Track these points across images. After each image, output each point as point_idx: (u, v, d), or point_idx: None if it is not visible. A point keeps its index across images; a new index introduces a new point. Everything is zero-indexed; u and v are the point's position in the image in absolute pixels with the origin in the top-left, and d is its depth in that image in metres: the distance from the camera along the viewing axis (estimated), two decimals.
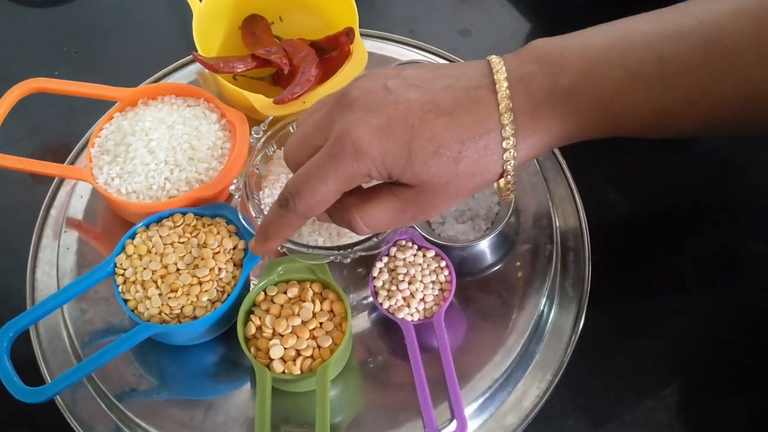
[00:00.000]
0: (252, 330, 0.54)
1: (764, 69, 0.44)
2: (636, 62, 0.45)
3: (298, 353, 0.53)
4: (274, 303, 0.56)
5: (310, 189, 0.47)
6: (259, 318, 0.55)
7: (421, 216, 0.49)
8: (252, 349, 0.54)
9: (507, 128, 0.46)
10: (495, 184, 0.59)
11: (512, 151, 0.46)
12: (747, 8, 0.44)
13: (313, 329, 0.54)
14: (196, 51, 0.66)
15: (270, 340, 0.54)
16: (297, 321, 0.54)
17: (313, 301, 0.55)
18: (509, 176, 0.47)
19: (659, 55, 0.45)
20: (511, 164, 0.46)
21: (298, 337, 0.53)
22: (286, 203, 0.48)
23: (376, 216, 0.49)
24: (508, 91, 0.46)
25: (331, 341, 0.54)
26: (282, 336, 0.54)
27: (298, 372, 0.53)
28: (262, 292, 0.57)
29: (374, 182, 0.49)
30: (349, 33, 0.66)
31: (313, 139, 0.49)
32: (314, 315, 0.55)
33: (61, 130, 0.74)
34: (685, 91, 0.45)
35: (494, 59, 0.48)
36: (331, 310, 0.55)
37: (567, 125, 0.47)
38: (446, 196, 0.48)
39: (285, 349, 0.53)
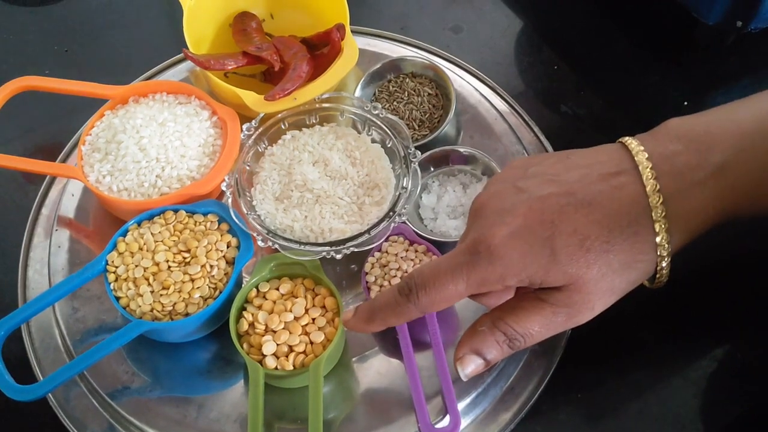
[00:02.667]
0: (244, 326, 0.54)
1: None
2: None
3: (291, 349, 0.53)
4: (266, 299, 0.56)
5: (439, 285, 0.46)
6: (252, 314, 0.55)
7: (576, 320, 0.46)
8: (244, 346, 0.54)
9: (657, 210, 0.43)
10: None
11: (664, 234, 0.43)
12: None
13: (306, 325, 0.54)
14: (187, 48, 0.66)
15: (262, 336, 0.54)
16: (289, 317, 0.54)
17: (305, 297, 0.55)
18: (663, 263, 0.44)
19: None
20: (666, 249, 0.44)
21: (290, 333, 0.53)
22: (408, 293, 0.47)
23: (527, 327, 0.46)
24: (653, 172, 0.43)
25: (323, 337, 0.54)
26: (274, 332, 0.54)
27: (291, 368, 0.53)
28: (255, 289, 0.56)
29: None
30: (339, 29, 0.66)
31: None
32: (306, 311, 0.55)
33: (52, 129, 0.73)
34: None
35: (629, 140, 0.46)
36: (324, 306, 0.55)
37: (721, 203, 0.44)
38: (600, 293, 0.44)
39: (277, 345, 0.53)
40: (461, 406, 0.54)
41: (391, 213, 0.58)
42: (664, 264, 0.44)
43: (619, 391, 0.56)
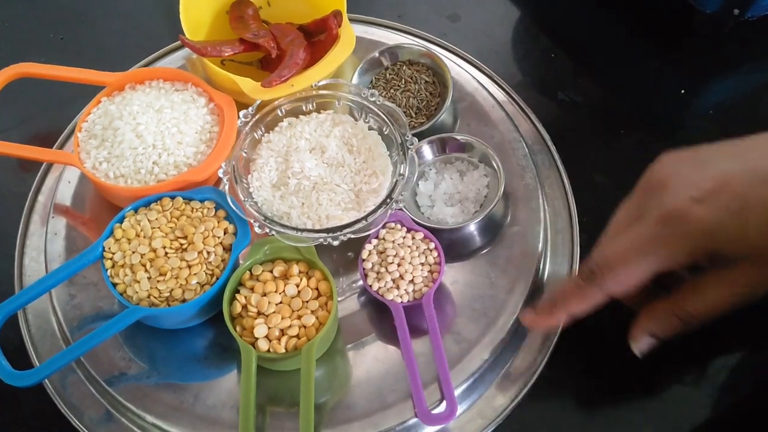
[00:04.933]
0: (238, 309, 0.54)
1: None
2: None
3: (283, 332, 0.53)
4: (259, 282, 0.56)
5: (626, 264, 0.46)
6: (245, 297, 0.55)
7: (756, 294, 0.47)
8: (238, 328, 0.54)
9: None
10: None
11: None
12: None
13: (299, 309, 0.54)
14: (184, 35, 0.66)
15: (255, 318, 0.54)
16: (281, 299, 0.54)
17: (299, 279, 0.55)
18: None
19: None
20: None
21: (282, 316, 0.54)
22: (592, 276, 0.47)
23: (715, 300, 0.47)
24: None
25: (315, 320, 0.54)
26: (266, 315, 0.54)
27: (283, 351, 0.53)
28: (248, 272, 0.56)
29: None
30: (337, 16, 0.65)
31: (625, 224, 0.49)
32: (299, 294, 0.55)
33: (49, 117, 0.73)
34: None
35: None
36: (317, 289, 0.55)
37: None
38: None
39: (269, 328, 0.53)
40: (458, 391, 0.54)
41: (388, 200, 0.58)
42: None
43: (615, 377, 0.56)
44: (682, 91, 0.71)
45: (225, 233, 0.58)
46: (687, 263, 0.47)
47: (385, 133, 0.62)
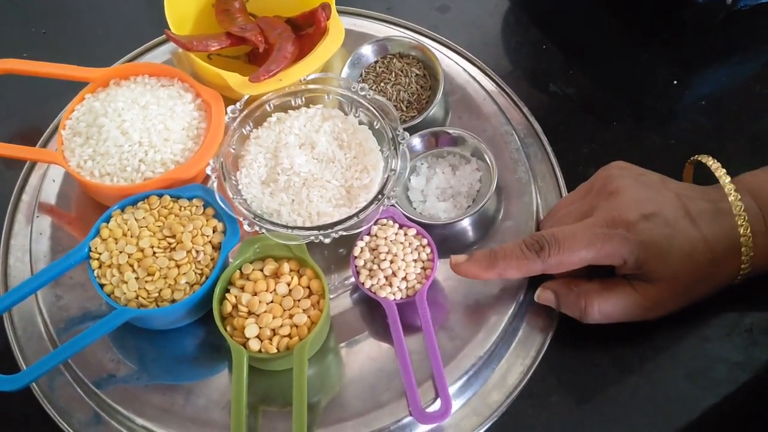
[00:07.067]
0: (228, 308, 0.54)
1: None
2: None
3: (274, 332, 0.53)
4: (249, 281, 0.55)
5: (571, 249, 0.51)
6: (235, 296, 0.54)
7: (652, 313, 0.53)
8: (228, 328, 0.53)
9: (747, 245, 0.52)
10: None
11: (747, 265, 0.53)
12: None
13: (290, 308, 0.54)
14: (169, 29, 0.64)
15: (246, 318, 0.53)
16: (272, 298, 0.54)
17: (290, 277, 0.55)
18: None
19: None
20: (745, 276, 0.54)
21: (273, 316, 0.53)
22: (539, 249, 0.52)
23: (615, 307, 0.53)
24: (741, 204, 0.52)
25: (307, 319, 0.53)
26: (257, 315, 0.53)
27: (275, 351, 0.52)
28: (238, 271, 0.56)
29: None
30: (325, 9, 0.64)
31: (575, 215, 0.55)
32: (290, 292, 0.54)
33: (32, 114, 0.72)
34: None
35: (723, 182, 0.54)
36: (308, 287, 0.55)
37: None
38: (682, 298, 0.53)
39: (261, 328, 0.53)
40: (452, 389, 0.54)
41: (379, 196, 0.57)
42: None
43: (610, 373, 0.56)
44: (675, 82, 0.71)
45: (214, 231, 0.57)
46: (617, 264, 0.52)
47: (376, 127, 0.61)
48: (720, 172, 0.54)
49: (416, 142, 0.63)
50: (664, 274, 0.52)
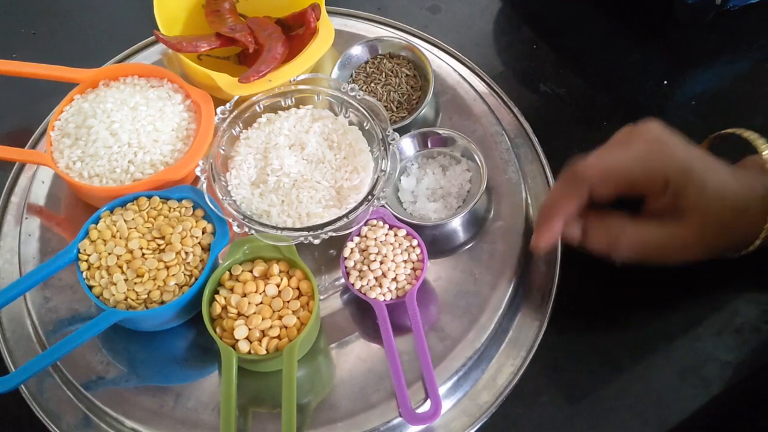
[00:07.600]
0: (217, 310, 0.54)
1: None
2: None
3: (264, 333, 0.53)
4: (239, 282, 0.55)
5: (603, 157, 0.53)
6: (224, 297, 0.54)
7: (678, 254, 0.53)
8: (218, 330, 0.53)
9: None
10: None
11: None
12: None
13: (280, 309, 0.53)
14: (159, 30, 0.64)
15: (235, 320, 0.53)
16: (262, 300, 0.53)
17: (279, 279, 0.54)
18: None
19: None
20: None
21: (263, 317, 0.53)
22: (574, 174, 0.53)
23: (647, 239, 0.52)
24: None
25: (296, 320, 0.53)
26: (247, 316, 0.53)
27: (264, 352, 0.52)
28: (228, 272, 0.55)
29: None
30: (315, 9, 0.64)
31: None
32: (280, 294, 0.54)
33: (21, 115, 0.72)
34: None
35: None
36: (298, 288, 0.55)
37: None
38: (707, 242, 0.52)
39: (250, 329, 0.52)
40: (443, 390, 0.54)
41: (369, 196, 0.57)
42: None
43: (601, 372, 0.56)
44: (665, 82, 0.71)
45: (203, 233, 0.57)
46: (657, 188, 0.52)
47: (366, 128, 0.61)
48: (759, 141, 0.54)
49: (406, 142, 0.63)
50: (698, 206, 0.51)
